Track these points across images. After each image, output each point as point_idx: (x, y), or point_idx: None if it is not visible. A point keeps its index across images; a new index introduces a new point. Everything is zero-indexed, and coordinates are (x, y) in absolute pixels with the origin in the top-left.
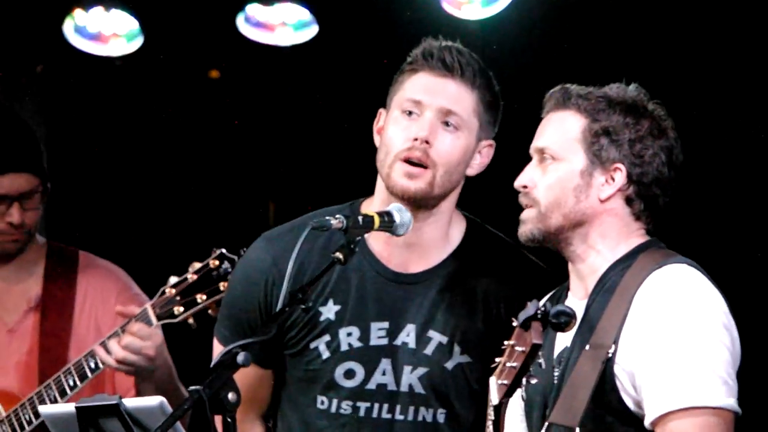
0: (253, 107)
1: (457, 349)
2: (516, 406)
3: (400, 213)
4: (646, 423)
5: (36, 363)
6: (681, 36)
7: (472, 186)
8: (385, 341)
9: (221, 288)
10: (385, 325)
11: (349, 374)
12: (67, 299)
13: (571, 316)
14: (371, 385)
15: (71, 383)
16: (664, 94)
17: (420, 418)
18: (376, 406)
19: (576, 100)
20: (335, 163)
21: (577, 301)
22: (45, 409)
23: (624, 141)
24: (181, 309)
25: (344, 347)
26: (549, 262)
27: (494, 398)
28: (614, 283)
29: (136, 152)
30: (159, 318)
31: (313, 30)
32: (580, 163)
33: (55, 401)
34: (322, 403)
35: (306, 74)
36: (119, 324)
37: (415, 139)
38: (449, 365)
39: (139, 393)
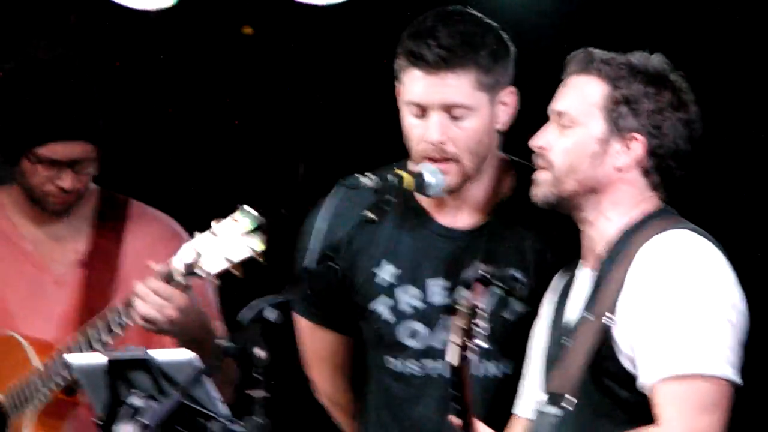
0: (287, 65)
1: (512, 299)
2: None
3: (433, 174)
4: (638, 385)
5: (77, 317)
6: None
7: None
8: (445, 298)
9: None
10: (442, 282)
11: (414, 334)
12: (113, 253)
13: (519, 281)
14: (436, 343)
15: (103, 339)
16: (690, 66)
17: (486, 373)
18: (442, 363)
19: (598, 65)
20: (368, 123)
21: (589, 271)
22: (74, 360)
23: (643, 111)
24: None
25: (405, 307)
26: None
27: (453, 360)
28: (620, 251)
29: (167, 107)
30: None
31: None
32: (598, 130)
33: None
34: (391, 364)
35: (341, 33)
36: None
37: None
38: (507, 315)
39: None
